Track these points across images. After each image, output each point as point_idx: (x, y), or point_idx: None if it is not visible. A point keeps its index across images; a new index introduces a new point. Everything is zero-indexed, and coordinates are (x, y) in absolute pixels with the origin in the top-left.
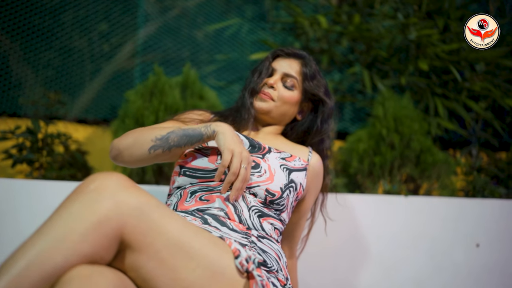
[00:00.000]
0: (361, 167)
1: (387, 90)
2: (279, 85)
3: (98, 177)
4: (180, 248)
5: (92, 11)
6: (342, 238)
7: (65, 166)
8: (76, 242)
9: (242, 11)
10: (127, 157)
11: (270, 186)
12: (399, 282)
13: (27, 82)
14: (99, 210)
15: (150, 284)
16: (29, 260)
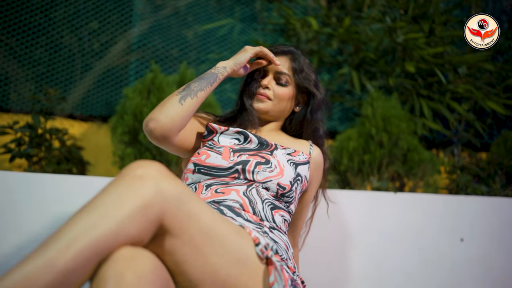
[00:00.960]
0: (351, 165)
1: (376, 91)
2: (273, 83)
3: (142, 164)
4: (211, 235)
5: (84, 9)
6: (335, 232)
7: (62, 161)
8: (124, 222)
9: (234, 12)
10: (164, 118)
11: (281, 180)
12: (388, 273)
13: (23, 78)
14: (144, 195)
15: (182, 267)
16: (84, 236)
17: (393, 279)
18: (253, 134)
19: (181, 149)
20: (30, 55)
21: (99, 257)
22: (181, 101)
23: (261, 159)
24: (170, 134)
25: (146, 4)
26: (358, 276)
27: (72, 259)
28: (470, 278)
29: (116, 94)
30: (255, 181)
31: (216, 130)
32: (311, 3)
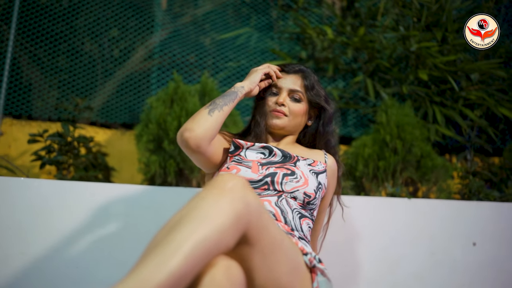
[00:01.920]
0: (366, 171)
1: (390, 98)
2: (288, 100)
3: (231, 178)
4: (277, 245)
5: (104, 18)
6: (349, 237)
7: (89, 167)
8: (223, 233)
9: (250, 21)
10: (197, 128)
11: (306, 189)
12: (401, 276)
13: (46, 85)
14: (237, 207)
15: (250, 274)
16: (194, 242)
17: (407, 282)
18: (277, 148)
19: (210, 161)
20: (53, 61)
21: (204, 262)
22: (210, 114)
23: (287, 171)
24: (203, 144)
25: (165, 12)
26: (372, 280)
27: (181, 263)
28: (482, 281)
29: (138, 102)
30: (283, 191)
31: (243, 145)
32: (326, 11)
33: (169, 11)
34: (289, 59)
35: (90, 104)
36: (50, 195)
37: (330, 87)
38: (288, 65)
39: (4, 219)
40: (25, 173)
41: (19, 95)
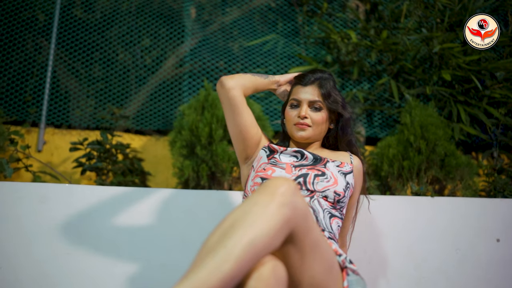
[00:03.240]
0: (391, 171)
1: (414, 100)
2: (309, 111)
3: (282, 182)
4: (316, 245)
5: (136, 29)
6: (375, 234)
7: (126, 172)
8: (271, 238)
9: (277, 27)
10: (234, 76)
11: (336, 188)
12: (427, 272)
13: (87, 97)
14: (285, 212)
15: (291, 270)
16: (244, 245)
17: (431, 277)
18: (308, 151)
19: (239, 119)
20: (89, 72)
21: (254, 264)
22: (245, 72)
23: (318, 172)
24: (236, 87)
25: (194, 21)
26: (398, 275)
27: (233, 267)
28: (505, 276)
29: (171, 108)
30: (315, 191)
31: (277, 150)
32: (350, 15)
33: (198, 20)
34: (315, 64)
35: (125, 112)
36: (91, 200)
37: (356, 89)
38: (304, 77)
39: (50, 222)
40: (68, 179)
41: (60, 106)
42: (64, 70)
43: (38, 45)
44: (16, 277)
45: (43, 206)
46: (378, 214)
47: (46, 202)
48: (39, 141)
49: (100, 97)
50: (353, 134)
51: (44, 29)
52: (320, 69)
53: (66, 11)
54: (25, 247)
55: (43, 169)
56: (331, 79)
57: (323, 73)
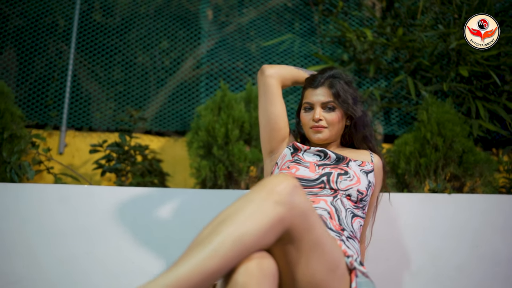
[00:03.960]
0: (408, 168)
1: (430, 96)
2: (323, 113)
3: (281, 180)
4: (317, 245)
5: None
6: (394, 231)
7: (145, 173)
8: (261, 236)
9: (293, 26)
10: (275, 66)
11: (359, 187)
12: (445, 269)
13: (106, 100)
14: (279, 211)
15: (288, 268)
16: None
17: (450, 274)
18: (331, 151)
19: (270, 115)
20: (108, 75)
21: (240, 259)
22: (288, 66)
23: (341, 171)
24: (275, 75)
25: (211, 22)
26: (415, 272)
27: (218, 264)
28: None
29: (189, 110)
30: (338, 189)
31: (301, 148)
32: (366, 13)
33: (215, 21)
34: (331, 63)
35: (144, 114)
36: (111, 200)
37: (373, 87)
38: (314, 79)
39: (71, 222)
40: (88, 180)
41: (80, 109)
42: (84, 73)
43: (58, 49)
44: (39, 275)
45: (63, 207)
46: (395, 211)
47: (66, 203)
48: (60, 144)
49: (119, 99)
50: (369, 129)
51: (64, 34)
52: (330, 67)
53: (85, 16)
54: (47, 246)
55: (64, 171)
56: (342, 75)
57: (333, 70)
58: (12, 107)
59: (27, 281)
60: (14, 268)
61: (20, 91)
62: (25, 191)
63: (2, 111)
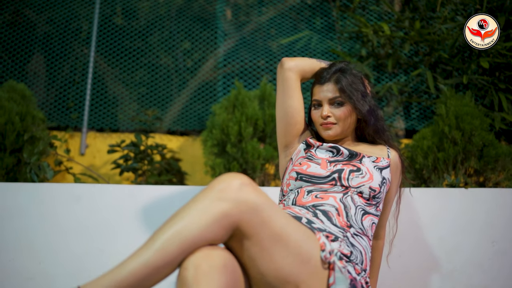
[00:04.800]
0: (426, 163)
1: (449, 90)
2: (331, 109)
3: (225, 178)
4: (279, 239)
5: (175, 34)
6: (407, 226)
7: (163, 172)
8: (202, 230)
9: (311, 23)
10: (296, 59)
11: (372, 184)
12: (460, 265)
13: (126, 101)
14: (223, 207)
15: (252, 263)
16: (172, 238)
17: (465, 270)
18: (344, 147)
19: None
20: (127, 77)
21: (183, 256)
22: (305, 57)
23: (353, 167)
24: (294, 69)
25: (230, 21)
26: (429, 268)
27: (162, 259)
28: None
29: (207, 109)
30: (350, 186)
31: (313, 145)
32: (384, 7)
33: (234, 21)
34: (348, 58)
35: (164, 114)
36: (125, 198)
37: (392, 82)
38: (321, 75)
39: (86, 220)
40: (106, 180)
41: (100, 111)
42: (104, 76)
43: (79, 53)
44: (55, 271)
45: (78, 205)
46: (409, 206)
47: (81, 201)
48: (81, 145)
49: (137, 100)
50: (381, 123)
51: (85, 38)
52: (339, 62)
53: (105, 20)
54: (62, 244)
55: (84, 172)
56: (350, 69)
57: (340, 64)
58: (33, 110)
59: (43, 277)
60: (30, 265)
61: (43, 94)
62: (41, 190)
63: (24, 114)
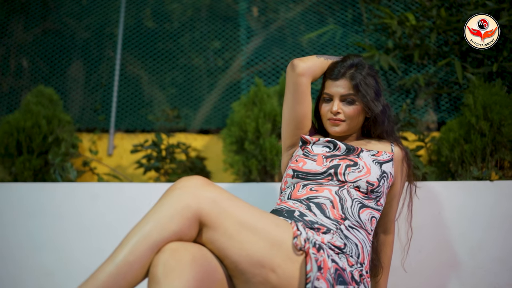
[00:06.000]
0: (452, 156)
1: (477, 79)
2: (341, 105)
3: (183, 179)
4: (244, 226)
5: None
6: (426, 220)
7: (187, 171)
8: (166, 222)
9: (336, 16)
10: (307, 61)
11: (369, 178)
12: (484, 262)
13: (152, 101)
14: (182, 200)
15: (222, 253)
16: (138, 237)
17: (489, 267)
18: (341, 141)
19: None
20: (152, 78)
21: (152, 250)
22: (318, 57)
23: (350, 162)
24: (306, 73)
25: (255, 18)
26: (451, 264)
27: (128, 252)
28: None
29: (230, 108)
30: (346, 181)
31: (309, 141)
32: None
33: (260, 18)
34: (374, 51)
35: (188, 114)
36: (140, 196)
37: (420, 73)
38: (334, 69)
39: (102, 217)
40: (131, 180)
41: (126, 112)
42: (129, 78)
43: (105, 57)
44: (71, 268)
45: (97, 203)
46: (429, 199)
47: (100, 199)
48: (109, 146)
49: (163, 100)
50: (390, 125)
51: (111, 41)
52: (353, 56)
53: (128, 22)
54: (79, 241)
55: (110, 172)
56: (364, 66)
57: (354, 59)
58: (60, 113)
59: (60, 273)
60: (48, 261)
61: (72, 97)
62: (61, 189)
63: (51, 117)
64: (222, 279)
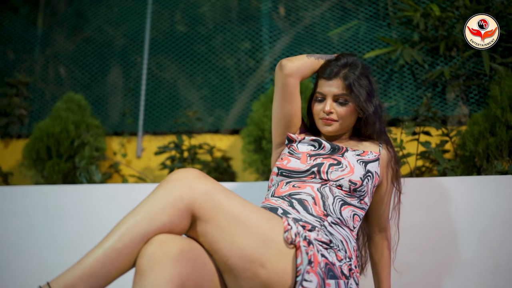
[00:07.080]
0: (477, 150)
1: (504, 69)
2: (334, 105)
3: (177, 171)
4: (237, 220)
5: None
6: (441, 217)
7: (212, 172)
8: (157, 213)
9: (359, 11)
10: (295, 61)
11: (352, 177)
12: (504, 259)
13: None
14: (175, 192)
15: (213, 246)
16: (127, 226)
17: (510, 266)
18: (326, 140)
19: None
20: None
21: (140, 239)
22: (308, 57)
23: (333, 161)
24: (294, 74)
25: (284, 19)
26: (468, 263)
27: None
28: None
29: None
30: (329, 180)
31: (295, 139)
32: None
33: (287, 17)
34: (399, 45)
35: (220, 114)
36: None
37: (447, 66)
38: (327, 69)
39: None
40: (157, 181)
41: (153, 115)
42: (156, 82)
43: (132, 61)
44: None
45: (116, 203)
46: (444, 195)
47: (120, 200)
48: (137, 149)
49: (188, 103)
50: (381, 125)
51: (138, 46)
52: (347, 54)
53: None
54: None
55: (137, 174)
56: (358, 65)
57: (348, 59)
58: (88, 118)
59: None
60: (65, 261)
61: (102, 102)
62: (84, 191)
63: (79, 122)
64: (211, 274)
